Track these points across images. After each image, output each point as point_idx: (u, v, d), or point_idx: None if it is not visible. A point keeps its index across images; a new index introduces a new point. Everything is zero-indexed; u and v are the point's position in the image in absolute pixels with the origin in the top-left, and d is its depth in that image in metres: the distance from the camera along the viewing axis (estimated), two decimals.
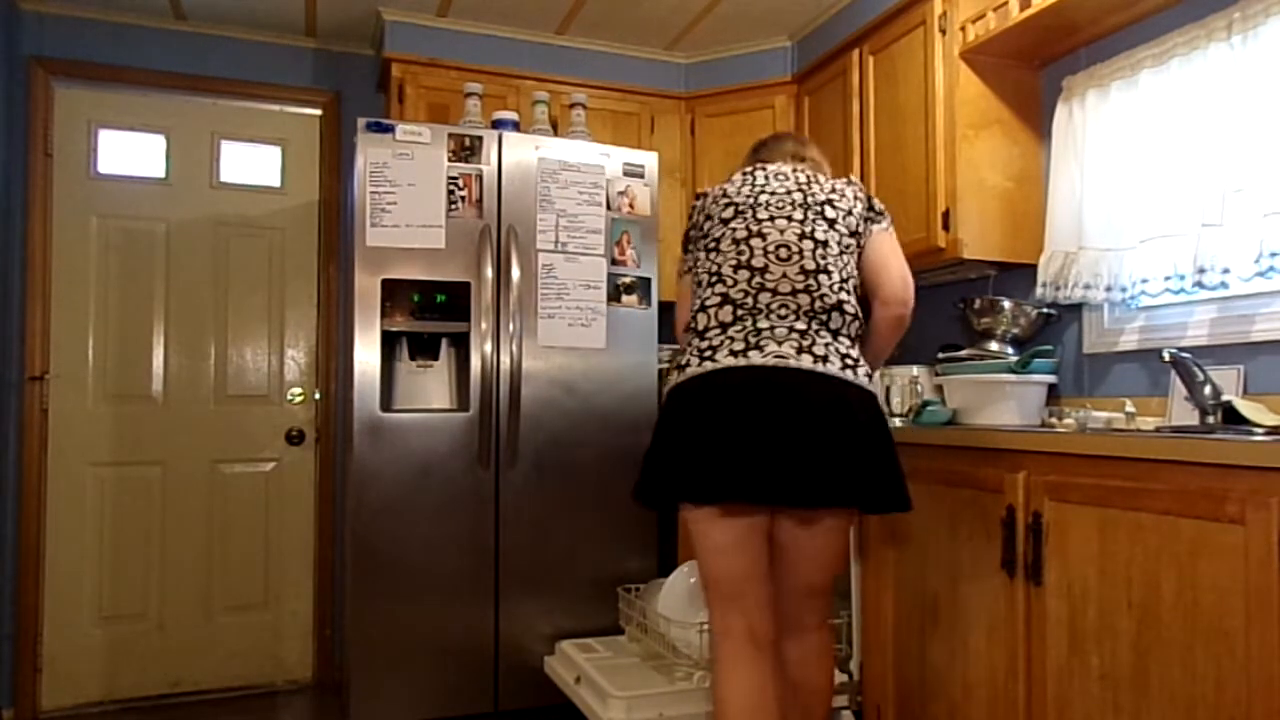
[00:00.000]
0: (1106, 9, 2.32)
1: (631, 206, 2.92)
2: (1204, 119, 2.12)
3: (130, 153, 3.31)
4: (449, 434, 2.68)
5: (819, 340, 1.75)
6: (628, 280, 2.90)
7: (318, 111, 3.52)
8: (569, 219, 2.84)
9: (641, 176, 2.94)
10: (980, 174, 2.56)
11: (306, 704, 3.26)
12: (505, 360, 2.73)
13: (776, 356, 1.71)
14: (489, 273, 2.72)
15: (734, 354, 1.74)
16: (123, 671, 3.20)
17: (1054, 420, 2.39)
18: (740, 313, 1.79)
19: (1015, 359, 2.43)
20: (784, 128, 3.31)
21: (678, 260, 2.10)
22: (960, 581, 1.99)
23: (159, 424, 3.28)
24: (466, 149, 2.75)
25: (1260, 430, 1.80)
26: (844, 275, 1.86)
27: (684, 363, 1.82)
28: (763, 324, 1.76)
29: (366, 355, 2.63)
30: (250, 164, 3.45)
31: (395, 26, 3.21)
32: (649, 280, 2.92)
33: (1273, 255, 1.95)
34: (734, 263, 1.84)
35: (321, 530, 3.44)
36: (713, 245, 1.91)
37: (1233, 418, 1.91)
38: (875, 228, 1.95)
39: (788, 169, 1.98)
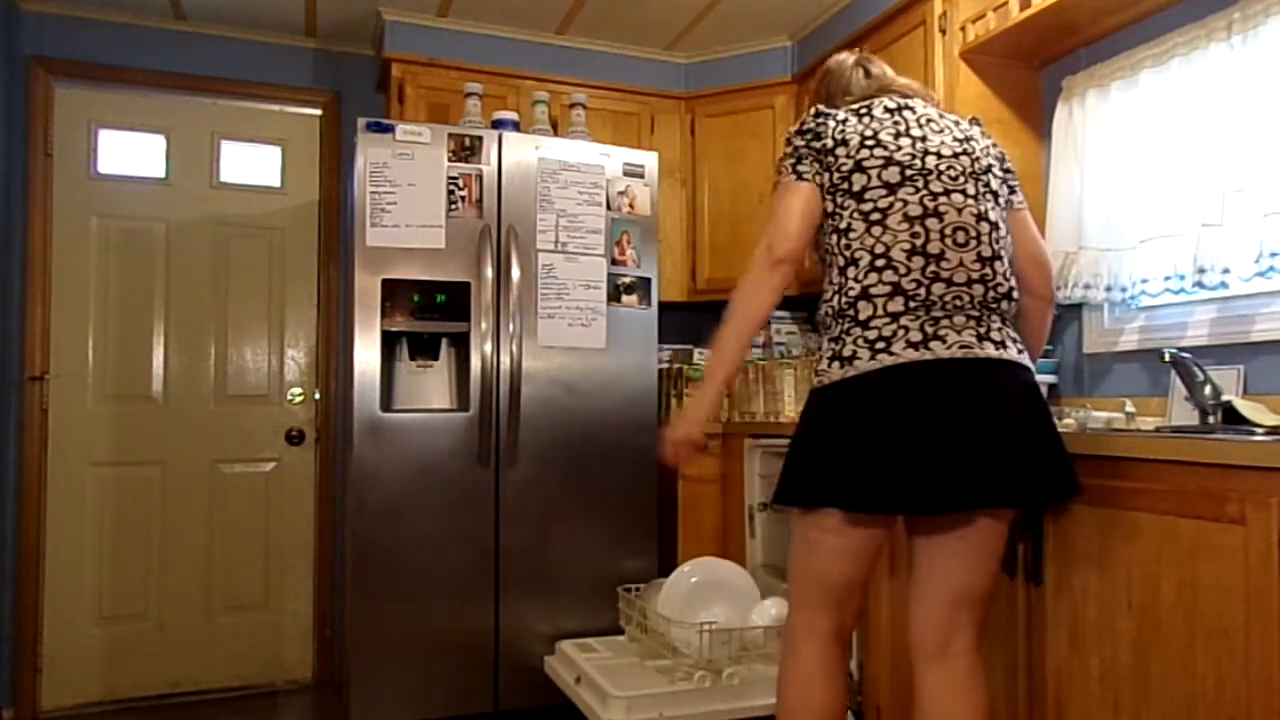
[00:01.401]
0: (1106, 9, 2.32)
1: (631, 206, 2.92)
2: (1204, 119, 2.12)
3: (130, 153, 3.31)
4: (449, 434, 2.68)
5: (993, 327, 1.61)
6: (628, 280, 2.90)
7: (318, 111, 3.52)
8: (569, 219, 2.84)
9: (641, 176, 2.94)
10: None
11: (306, 704, 3.26)
12: (505, 360, 2.73)
13: (961, 347, 1.56)
14: (489, 273, 2.72)
15: (912, 345, 1.56)
16: (123, 671, 3.20)
17: (1054, 420, 2.38)
18: (913, 304, 1.59)
19: None
20: (784, 128, 3.30)
21: (786, 164, 1.74)
22: None
23: (159, 424, 3.29)
24: (466, 149, 2.75)
25: (1260, 430, 1.80)
26: (1009, 257, 1.70)
27: (848, 354, 1.59)
28: (937, 313, 1.59)
29: (366, 355, 2.63)
30: (250, 164, 3.45)
31: (395, 26, 3.21)
32: (649, 280, 2.92)
33: (1273, 255, 1.95)
34: (907, 246, 1.60)
35: (321, 530, 3.44)
36: (875, 215, 1.63)
37: (1233, 418, 1.91)
38: (1016, 200, 1.78)
39: (933, 111, 1.75)
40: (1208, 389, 1.97)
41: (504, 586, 2.73)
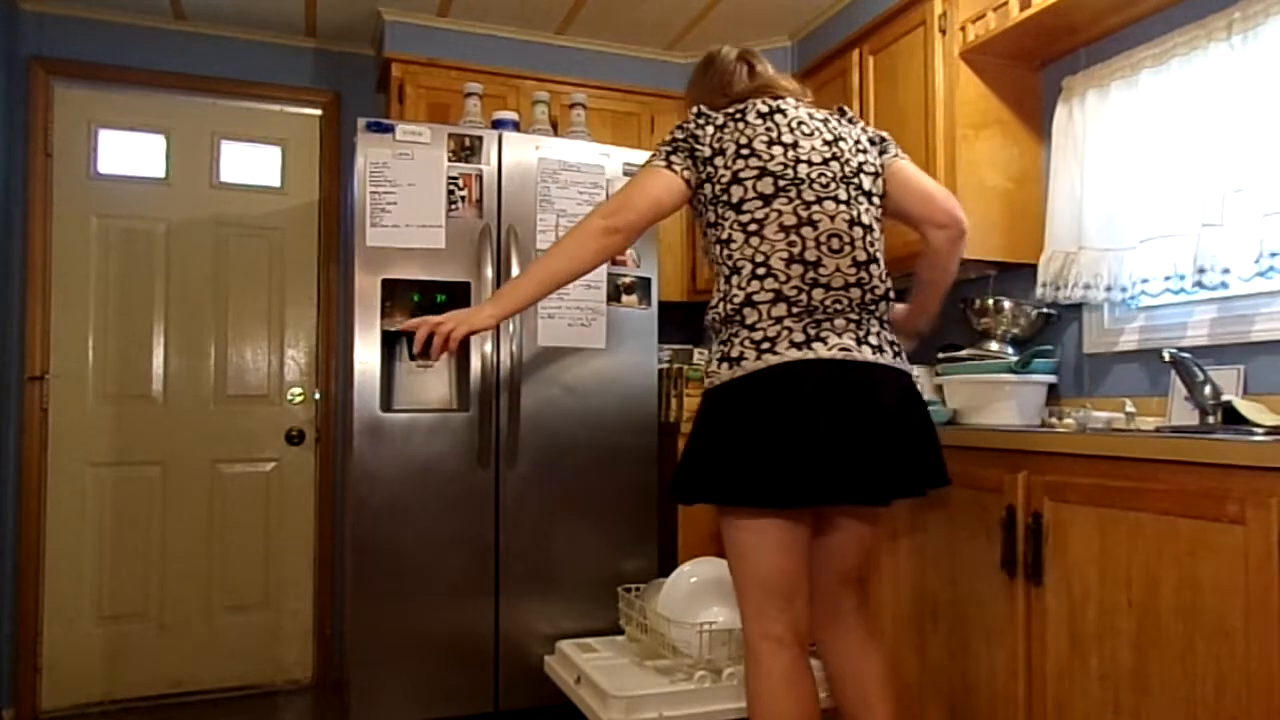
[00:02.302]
0: (1106, 9, 2.32)
1: None
2: (1204, 119, 2.12)
3: (130, 153, 3.31)
4: (449, 434, 2.68)
5: (871, 330, 1.72)
6: (628, 280, 2.90)
7: (318, 111, 3.52)
8: (569, 219, 2.84)
9: None
10: (980, 174, 2.56)
11: (306, 704, 3.26)
12: (505, 360, 2.73)
13: (841, 349, 1.66)
14: (489, 273, 2.72)
15: (795, 345, 1.65)
16: (123, 671, 3.20)
17: (1054, 420, 2.39)
18: (795, 309, 1.68)
19: (1015, 359, 2.43)
20: None
21: (661, 150, 1.82)
22: (960, 581, 1.99)
23: (159, 424, 3.29)
24: (466, 149, 2.75)
25: (1260, 430, 1.80)
26: (884, 257, 1.79)
27: (735, 355, 1.68)
28: (819, 316, 1.69)
29: (366, 355, 2.63)
30: (250, 164, 3.45)
31: (395, 26, 3.21)
32: (649, 280, 2.92)
33: (1273, 255, 1.95)
34: (785, 255, 1.68)
35: (321, 530, 3.44)
36: (753, 226, 1.71)
37: (1233, 418, 1.91)
38: (887, 158, 1.85)
39: (804, 113, 1.81)
40: (1208, 389, 1.97)
41: (504, 586, 2.73)
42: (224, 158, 3.41)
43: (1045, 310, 2.53)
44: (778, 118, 1.78)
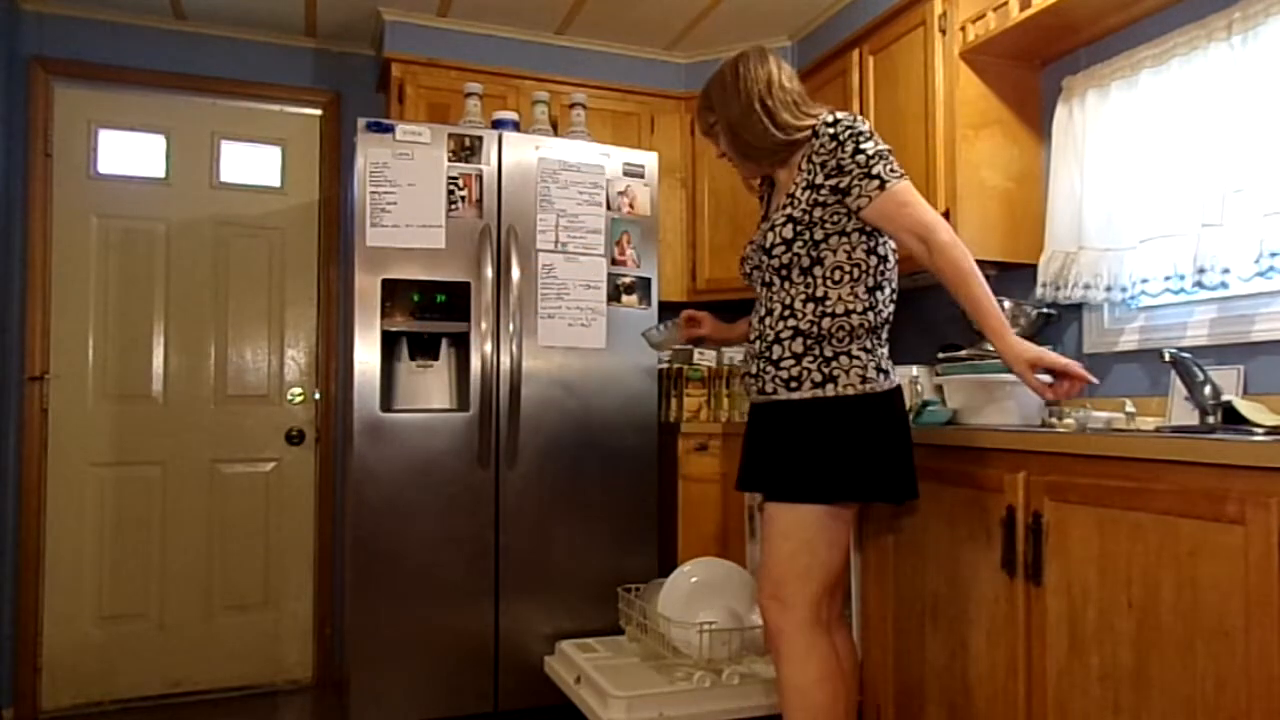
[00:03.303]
0: (1106, 9, 2.32)
1: (631, 206, 2.92)
2: (1204, 119, 2.12)
3: (130, 153, 3.31)
4: (449, 434, 2.68)
5: None
6: (628, 280, 2.90)
7: (318, 111, 3.52)
8: (569, 219, 2.84)
9: (641, 176, 2.94)
10: (980, 174, 2.56)
11: (306, 704, 3.26)
12: (505, 360, 2.73)
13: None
14: (489, 273, 2.72)
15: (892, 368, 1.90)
16: (123, 671, 3.20)
17: (1054, 420, 2.39)
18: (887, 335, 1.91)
19: None
20: None
21: (897, 166, 1.81)
22: (960, 581, 1.99)
23: (159, 424, 3.29)
24: (466, 149, 2.75)
25: (1260, 430, 1.80)
26: None
27: (886, 367, 1.86)
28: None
29: (366, 355, 2.63)
30: (250, 164, 3.45)
31: (395, 26, 3.21)
32: (649, 280, 2.92)
33: (1273, 255, 1.95)
34: (897, 286, 1.93)
35: (321, 530, 3.44)
36: (893, 258, 1.90)
37: (1233, 418, 1.91)
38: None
39: None
40: (1208, 389, 1.97)
41: (504, 586, 2.73)
42: (224, 158, 3.41)
43: (1045, 310, 2.52)
44: None
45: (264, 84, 3.43)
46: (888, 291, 1.87)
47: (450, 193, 2.71)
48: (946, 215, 2.54)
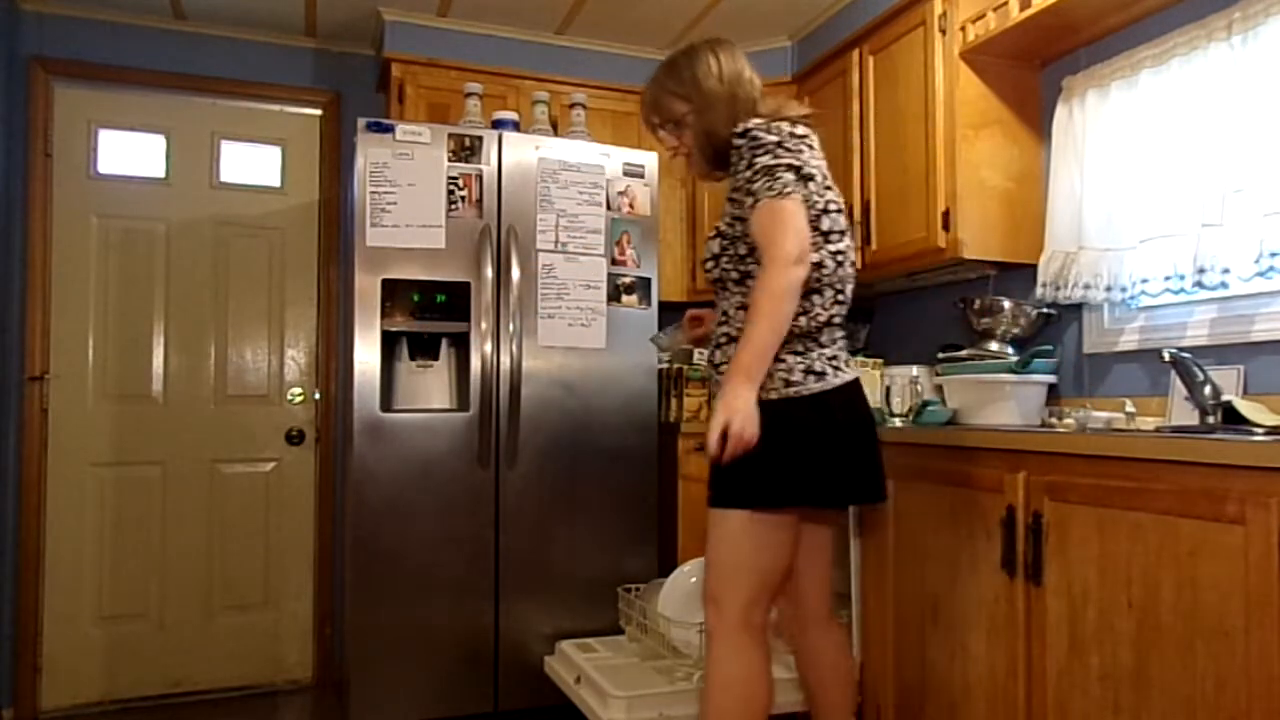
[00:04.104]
0: (1106, 9, 2.32)
1: (631, 206, 2.92)
2: (1204, 119, 2.12)
3: (130, 153, 3.31)
4: (449, 434, 2.68)
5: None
6: (628, 280, 2.90)
7: (318, 111, 3.52)
8: (569, 219, 2.84)
9: (641, 176, 2.94)
10: (980, 174, 2.56)
11: (306, 704, 3.26)
12: (505, 360, 2.73)
13: (851, 369, 1.89)
14: (489, 273, 2.72)
15: (846, 365, 1.86)
16: (123, 671, 3.20)
17: (1054, 420, 2.39)
18: (842, 334, 1.88)
19: (1015, 359, 2.43)
20: None
21: (788, 181, 1.71)
22: (960, 581, 1.99)
23: (159, 424, 3.28)
24: (466, 149, 2.75)
25: (1260, 430, 1.80)
26: None
27: (819, 369, 1.79)
28: (843, 341, 1.89)
29: (366, 355, 2.63)
30: (250, 164, 3.45)
31: (395, 26, 3.21)
32: (649, 280, 2.92)
33: (1273, 255, 1.95)
34: (851, 287, 1.87)
35: (321, 530, 3.44)
36: (840, 257, 1.81)
37: (1233, 418, 1.91)
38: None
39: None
40: (1208, 389, 1.97)
41: (504, 586, 2.73)
42: (224, 158, 3.41)
43: (1045, 310, 2.53)
44: (818, 150, 1.84)
45: (264, 84, 3.43)
46: (828, 295, 1.80)
47: (450, 193, 2.71)
48: (946, 215, 2.55)
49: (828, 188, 1.82)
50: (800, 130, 1.80)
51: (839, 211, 1.83)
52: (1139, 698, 1.56)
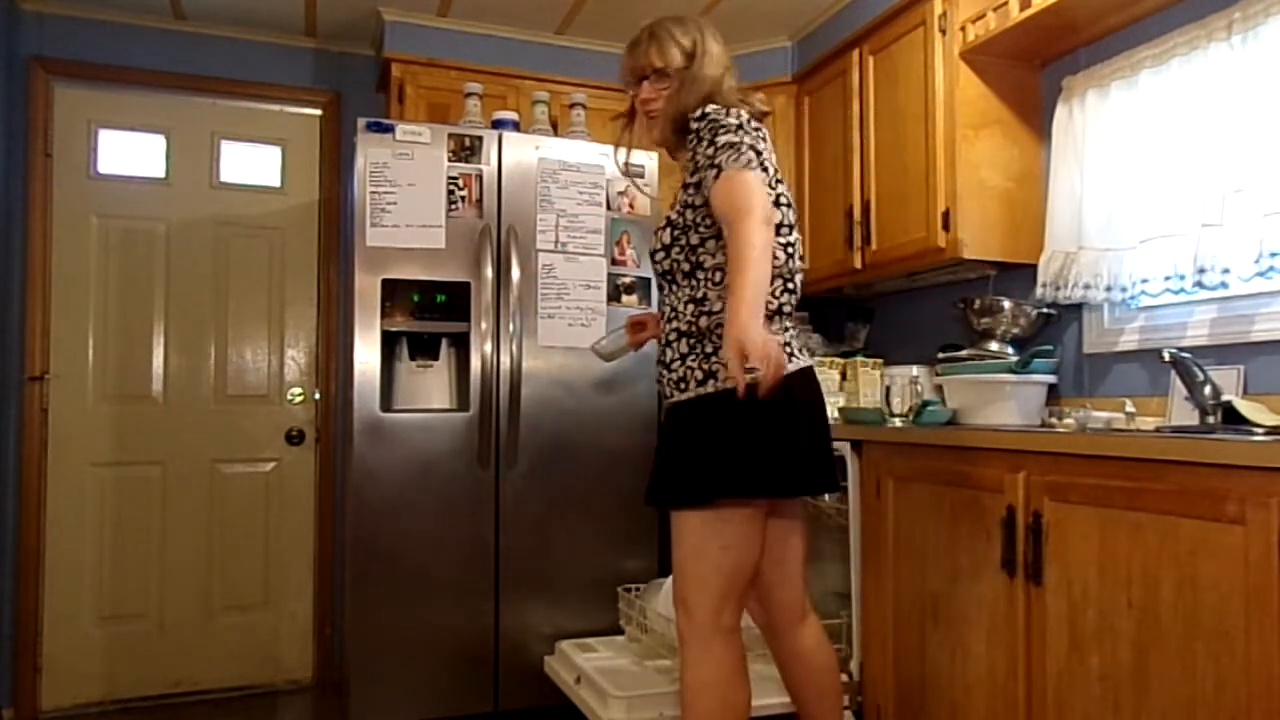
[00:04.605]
0: (1106, 9, 2.32)
1: (631, 206, 2.92)
2: (1204, 119, 2.12)
3: (130, 153, 3.31)
4: (449, 434, 2.68)
5: None
6: (628, 280, 2.90)
7: (318, 111, 3.52)
8: (569, 219, 2.84)
9: (642, 176, 2.94)
10: (980, 174, 2.56)
11: (306, 704, 3.26)
12: (505, 360, 2.73)
13: (805, 357, 1.84)
14: (489, 273, 2.72)
15: (800, 353, 1.82)
16: (123, 671, 3.20)
17: (1054, 420, 2.39)
18: (792, 320, 1.86)
19: (1015, 359, 2.43)
20: (784, 128, 3.30)
21: (751, 158, 1.67)
22: (960, 581, 1.99)
23: (159, 424, 3.28)
24: (466, 149, 2.75)
25: (1260, 430, 1.80)
26: None
27: (789, 350, 1.77)
28: (792, 327, 1.86)
29: (366, 355, 2.63)
30: (250, 164, 3.45)
31: (395, 26, 3.21)
32: (649, 280, 2.92)
33: (1273, 255, 1.95)
34: (800, 275, 1.87)
35: (321, 530, 3.44)
36: (790, 249, 1.82)
37: (1233, 418, 1.91)
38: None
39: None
40: (1208, 389, 1.97)
41: (504, 586, 2.73)
42: (224, 158, 3.41)
43: (1045, 310, 2.53)
44: (770, 145, 1.82)
45: (264, 84, 3.43)
46: (777, 284, 1.78)
47: (450, 193, 2.71)
48: (946, 215, 2.55)
49: (779, 181, 1.82)
50: (755, 122, 1.78)
51: (789, 206, 1.83)
52: (1139, 697, 1.56)
